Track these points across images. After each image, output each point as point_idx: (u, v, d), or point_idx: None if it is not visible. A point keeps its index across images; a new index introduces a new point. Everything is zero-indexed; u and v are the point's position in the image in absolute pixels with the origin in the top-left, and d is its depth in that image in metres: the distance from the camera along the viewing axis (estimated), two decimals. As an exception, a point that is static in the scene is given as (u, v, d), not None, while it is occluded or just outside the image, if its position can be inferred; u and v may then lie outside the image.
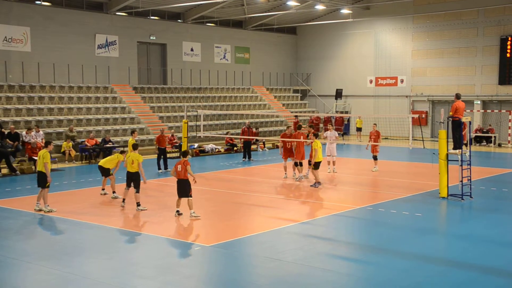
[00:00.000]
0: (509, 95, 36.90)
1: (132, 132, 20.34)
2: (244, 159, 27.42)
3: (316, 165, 19.05)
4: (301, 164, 20.67)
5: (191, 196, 14.43)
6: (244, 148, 27.78)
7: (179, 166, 14.42)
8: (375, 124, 23.90)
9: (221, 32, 41.51)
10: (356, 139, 38.88)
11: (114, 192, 17.30)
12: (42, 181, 15.29)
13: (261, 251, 11.63)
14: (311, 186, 19.32)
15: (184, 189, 14.41)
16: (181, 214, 14.62)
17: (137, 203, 15.50)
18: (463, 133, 29.77)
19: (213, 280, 10.10)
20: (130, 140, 19.27)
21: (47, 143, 16.03)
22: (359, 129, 39.05)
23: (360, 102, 43.35)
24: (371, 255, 11.46)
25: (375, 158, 23.17)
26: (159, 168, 23.19)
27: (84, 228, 13.60)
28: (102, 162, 17.64)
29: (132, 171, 15.64)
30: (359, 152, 30.30)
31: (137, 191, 15.51)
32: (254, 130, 29.55)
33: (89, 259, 11.11)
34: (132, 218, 14.73)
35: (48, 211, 15.19)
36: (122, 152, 17.75)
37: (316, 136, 19.93)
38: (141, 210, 15.38)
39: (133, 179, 15.60)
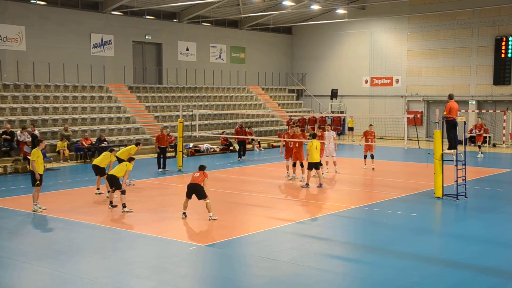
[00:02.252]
0: (503, 95, 37.03)
1: (137, 144, 19.63)
2: (239, 158, 27.60)
3: (309, 166, 19.03)
4: (301, 165, 20.68)
5: (208, 199, 14.24)
6: (239, 148, 27.99)
7: (197, 174, 14.30)
8: (371, 125, 23.95)
9: (217, 31, 41.49)
10: (348, 138, 39.02)
11: (109, 191, 17.25)
12: (32, 179, 15.27)
13: (257, 251, 11.64)
14: (302, 186, 19.27)
15: (200, 192, 14.13)
16: (186, 216, 14.48)
17: (122, 204, 15.34)
18: (481, 134, 29.87)
19: (208, 280, 10.11)
20: (134, 147, 19.15)
21: (38, 142, 15.93)
22: (350, 129, 39.34)
23: (355, 102, 43.42)
24: (367, 254, 11.48)
25: (372, 156, 23.44)
26: (159, 167, 23.24)
27: (79, 228, 13.58)
28: (98, 161, 17.58)
29: (117, 175, 15.60)
30: (352, 152, 30.35)
31: (122, 193, 15.38)
32: (247, 129, 29.66)
33: (85, 259, 11.09)
34: (128, 217, 14.70)
35: (34, 210, 15.14)
36: (111, 151, 17.81)
37: (314, 136, 19.78)
38: (127, 211, 15.21)
39: (112, 181, 15.56)
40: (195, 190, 14.16)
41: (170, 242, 12.35)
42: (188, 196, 14.34)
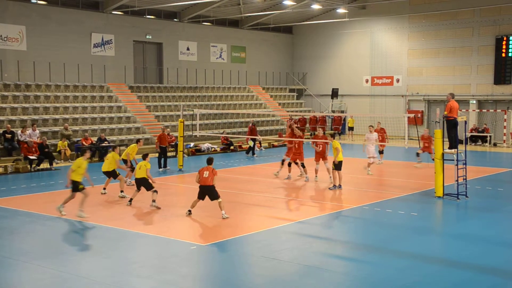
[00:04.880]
0: (504, 95, 37.01)
1: (137, 140, 19.66)
2: (248, 154, 28.98)
3: (338, 166, 18.65)
4: (303, 165, 20.62)
5: (220, 198, 14.29)
6: (250, 145, 29.54)
7: (206, 172, 14.18)
8: (379, 122, 24.60)
9: (217, 31, 41.49)
10: (348, 138, 39.05)
11: (122, 191, 17.39)
12: (74, 186, 14.60)
13: (257, 250, 11.64)
14: (330, 188, 18.70)
15: (212, 194, 14.21)
16: (191, 213, 14.54)
17: (153, 200, 15.71)
18: (429, 146, 30.11)
19: (209, 279, 10.11)
20: (134, 146, 19.18)
21: (83, 151, 15.30)
22: (351, 129, 39.38)
23: (356, 101, 43.41)
24: (367, 254, 11.48)
25: (381, 152, 24.49)
26: (160, 167, 23.27)
27: (80, 228, 13.59)
28: (104, 167, 17.63)
29: (138, 176, 15.81)
30: (353, 151, 30.32)
31: (154, 191, 15.73)
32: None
33: (86, 258, 11.10)
34: (129, 217, 14.71)
35: (79, 216, 14.33)
36: (114, 149, 17.96)
37: (333, 136, 19.64)
38: (155, 207, 15.53)
39: (142, 184, 15.77)
40: (208, 192, 14.20)
41: (171, 242, 12.35)
42: (201, 197, 14.35)
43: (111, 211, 15.51)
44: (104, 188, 17.89)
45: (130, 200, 16.08)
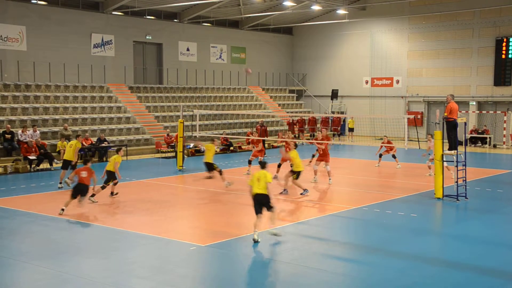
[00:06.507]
0: (504, 96, 37.00)
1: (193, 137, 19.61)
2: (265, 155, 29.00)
3: (297, 175, 17.66)
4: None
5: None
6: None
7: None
8: (386, 136, 24.77)
9: (217, 32, 41.50)
10: (348, 139, 39.04)
11: (61, 182, 18.63)
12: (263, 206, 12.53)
13: (257, 251, 11.63)
14: (301, 194, 17.94)
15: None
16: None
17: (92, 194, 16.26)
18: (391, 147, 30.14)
19: (208, 280, 10.10)
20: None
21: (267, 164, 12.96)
22: (351, 130, 39.37)
23: (356, 102, 43.41)
24: (367, 255, 11.48)
25: (394, 156, 24.34)
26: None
27: (79, 228, 13.59)
28: (67, 156, 18.75)
29: (108, 169, 16.79)
30: (352, 152, 30.35)
31: (102, 188, 16.56)
32: (249, 130, 29.93)
33: (85, 259, 11.09)
34: (129, 218, 14.71)
35: (271, 233, 12.37)
36: (77, 137, 19.25)
37: (296, 146, 19.07)
38: (92, 201, 16.15)
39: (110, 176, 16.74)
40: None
41: (170, 242, 12.34)
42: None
43: (109, 211, 15.49)
44: (61, 182, 18.75)
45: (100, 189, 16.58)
